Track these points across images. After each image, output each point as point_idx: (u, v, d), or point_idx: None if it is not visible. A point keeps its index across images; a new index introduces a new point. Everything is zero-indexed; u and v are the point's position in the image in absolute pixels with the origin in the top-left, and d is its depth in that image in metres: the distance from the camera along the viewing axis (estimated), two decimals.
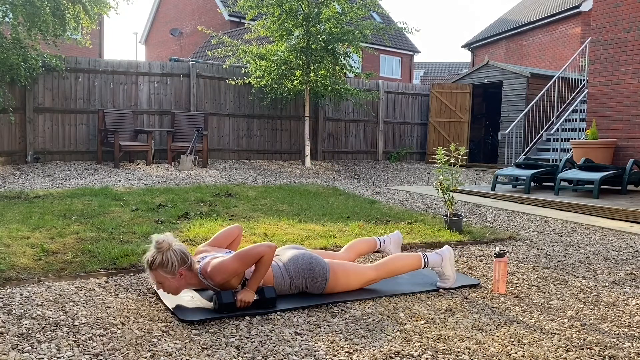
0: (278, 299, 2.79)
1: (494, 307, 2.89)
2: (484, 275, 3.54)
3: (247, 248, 2.74)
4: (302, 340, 2.38)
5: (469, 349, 2.32)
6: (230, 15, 21.91)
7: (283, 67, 10.56)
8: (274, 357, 2.20)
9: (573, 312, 2.86)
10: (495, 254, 3.15)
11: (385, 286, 3.17)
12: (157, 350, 2.22)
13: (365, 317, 2.68)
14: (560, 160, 8.73)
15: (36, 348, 2.19)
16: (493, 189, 8.17)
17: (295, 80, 10.78)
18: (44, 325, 2.43)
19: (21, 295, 2.83)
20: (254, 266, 2.76)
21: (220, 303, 2.63)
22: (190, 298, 2.87)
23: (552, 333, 2.55)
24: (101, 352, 2.18)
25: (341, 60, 10.95)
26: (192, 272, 2.78)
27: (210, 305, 2.77)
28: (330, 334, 2.46)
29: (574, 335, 2.53)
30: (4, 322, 2.45)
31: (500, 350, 2.32)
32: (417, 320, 2.66)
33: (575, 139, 9.48)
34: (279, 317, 2.65)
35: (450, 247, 3.31)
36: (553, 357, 2.27)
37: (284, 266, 2.94)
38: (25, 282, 3.05)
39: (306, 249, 3.13)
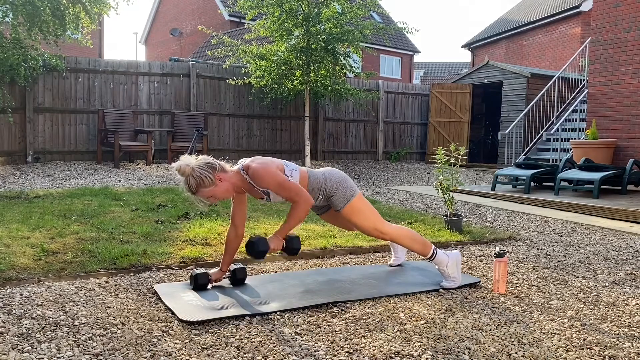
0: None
1: (494, 307, 2.89)
2: (484, 275, 3.54)
3: (298, 186, 2.87)
4: (302, 340, 2.38)
5: (469, 349, 2.32)
6: (230, 15, 21.91)
7: (283, 67, 10.56)
8: (274, 357, 2.20)
9: (573, 312, 2.86)
10: (495, 254, 3.15)
11: (385, 286, 3.17)
12: (157, 350, 2.22)
13: (365, 317, 2.68)
14: (560, 160, 8.74)
15: (36, 348, 2.19)
16: (493, 189, 8.17)
17: (295, 80, 10.78)
18: (44, 325, 2.43)
19: (21, 295, 2.83)
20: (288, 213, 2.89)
21: (255, 250, 2.76)
22: (190, 298, 2.87)
23: (552, 333, 2.55)
24: (101, 352, 2.18)
25: (341, 60, 10.94)
26: (230, 172, 2.88)
27: (211, 304, 2.77)
28: (330, 334, 2.46)
29: (574, 335, 2.53)
30: (4, 322, 2.45)
31: (500, 350, 2.32)
32: (417, 320, 2.66)
33: (575, 139, 9.48)
34: (279, 317, 2.65)
35: (459, 252, 3.30)
36: (553, 357, 2.27)
37: (320, 171, 3.15)
38: (25, 282, 3.05)
39: None
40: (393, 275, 3.44)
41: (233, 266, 3.19)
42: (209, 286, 3.09)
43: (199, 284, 3.03)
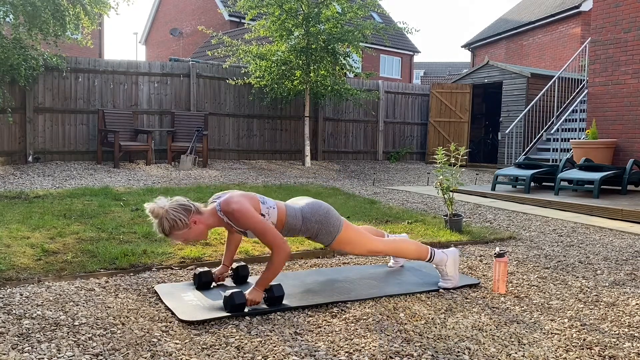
0: (283, 297, 2.81)
1: (494, 307, 2.89)
2: (484, 275, 3.54)
3: (275, 237, 2.75)
4: (302, 340, 2.38)
5: (469, 349, 2.32)
6: (230, 15, 21.91)
7: (283, 67, 10.56)
8: (274, 357, 2.20)
9: (573, 312, 2.86)
10: (495, 254, 3.15)
11: (385, 286, 3.17)
12: (157, 350, 2.22)
13: (365, 317, 2.68)
14: (560, 160, 8.73)
15: (36, 348, 2.19)
16: (493, 189, 8.17)
17: (295, 80, 10.78)
18: (44, 325, 2.43)
19: (21, 295, 2.83)
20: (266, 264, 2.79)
21: (232, 304, 2.64)
22: (190, 298, 2.87)
23: (552, 333, 2.54)
24: (101, 352, 2.18)
25: (341, 60, 10.94)
26: (205, 214, 2.81)
27: (211, 304, 2.77)
28: (330, 334, 2.46)
29: (574, 335, 2.53)
30: (4, 322, 2.45)
31: (500, 350, 2.32)
32: (417, 320, 2.66)
33: (575, 139, 9.47)
34: (279, 317, 2.65)
35: (457, 250, 3.31)
36: (553, 357, 2.27)
37: (300, 209, 3.00)
38: (25, 282, 3.05)
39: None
40: (393, 276, 3.45)
41: (235, 264, 3.21)
42: (213, 284, 3.10)
43: (202, 282, 3.04)
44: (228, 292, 2.68)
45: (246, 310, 2.68)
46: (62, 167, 8.98)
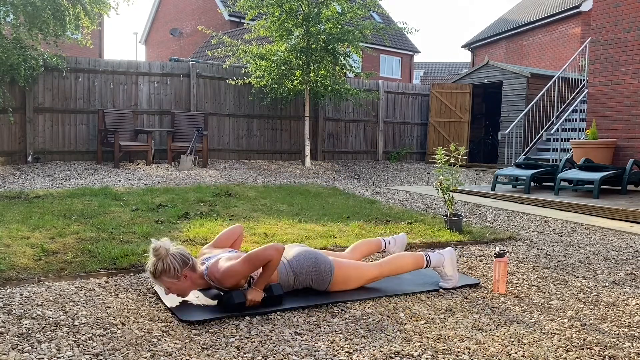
0: (282, 296, 2.81)
1: (494, 307, 2.89)
2: (484, 275, 3.54)
3: (256, 251, 2.75)
4: (302, 340, 2.38)
5: (469, 349, 2.32)
6: (230, 15, 21.91)
7: (283, 67, 10.56)
8: (274, 357, 2.20)
9: (573, 312, 2.86)
10: (495, 254, 3.15)
11: (385, 286, 3.17)
12: (157, 350, 2.22)
13: (365, 317, 2.68)
14: (560, 160, 8.73)
15: (36, 348, 2.19)
16: (493, 189, 8.17)
17: (295, 80, 10.78)
18: (44, 325, 2.43)
19: (21, 295, 2.83)
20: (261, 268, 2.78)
21: (231, 304, 2.64)
22: (190, 298, 2.87)
23: (552, 333, 2.54)
24: (101, 352, 2.18)
25: (341, 60, 10.95)
26: (197, 273, 2.81)
27: (211, 303, 2.77)
28: (330, 334, 2.46)
29: (574, 335, 2.53)
30: (4, 322, 2.45)
31: (500, 350, 2.32)
32: (417, 320, 2.66)
33: (575, 139, 9.47)
34: (279, 317, 2.65)
35: (452, 248, 3.31)
36: (553, 357, 2.27)
37: (288, 263, 2.97)
38: (25, 282, 3.05)
39: (310, 248, 3.14)
40: (393, 275, 3.44)
41: None
42: None
43: None
44: (228, 292, 2.68)
45: (246, 310, 2.68)
46: (62, 167, 8.98)
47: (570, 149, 9.27)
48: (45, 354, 2.14)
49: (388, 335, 2.46)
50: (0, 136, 8.86)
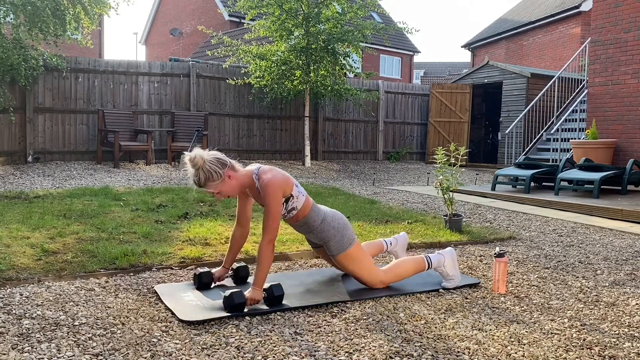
0: (283, 296, 2.80)
1: (494, 307, 2.89)
2: (484, 275, 3.54)
3: (277, 226, 2.82)
4: (302, 340, 2.38)
5: (469, 349, 2.32)
6: (230, 15, 21.91)
7: (283, 67, 10.56)
8: (274, 357, 2.20)
9: (573, 312, 2.86)
10: (495, 254, 3.15)
11: None
12: (157, 350, 2.22)
13: (365, 317, 2.68)
14: (560, 160, 8.73)
15: (36, 348, 2.19)
16: (493, 189, 8.17)
17: (295, 80, 10.78)
18: (44, 325, 2.43)
19: (21, 295, 2.83)
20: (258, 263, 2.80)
21: (231, 304, 2.64)
22: (190, 298, 2.87)
23: (552, 333, 2.54)
24: (101, 352, 2.18)
25: (341, 60, 10.94)
26: (240, 172, 2.88)
27: (211, 303, 2.77)
28: (330, 334, 2.46)
29: (574, 335, 2.53)
30: (4, 322, 2.45)
31: (500, 350, 2.32)
32: (417, 320, 2.66)
33: (575, 139, 9.47)
34: (279, 317, 2.65)
35: (452, 248, 3.31)
36: (553, 357, 2.27)
37: (324, 211, 3.08)
38: (25, 282, 3.05)
39: None
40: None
41: (235, 265, 3.21)
42: (212, 284, 3.10)
43: (202, 282, 3.04)
44: (228, 292, 2.68)
45: (246, 310, 2.68)
46: (62, 167, 8.98)
47: (570, 149, 9.27)
48: (45, 354, 2.14)
49: (388, 335, 2.46)
50: (1, 136, 8.87)
